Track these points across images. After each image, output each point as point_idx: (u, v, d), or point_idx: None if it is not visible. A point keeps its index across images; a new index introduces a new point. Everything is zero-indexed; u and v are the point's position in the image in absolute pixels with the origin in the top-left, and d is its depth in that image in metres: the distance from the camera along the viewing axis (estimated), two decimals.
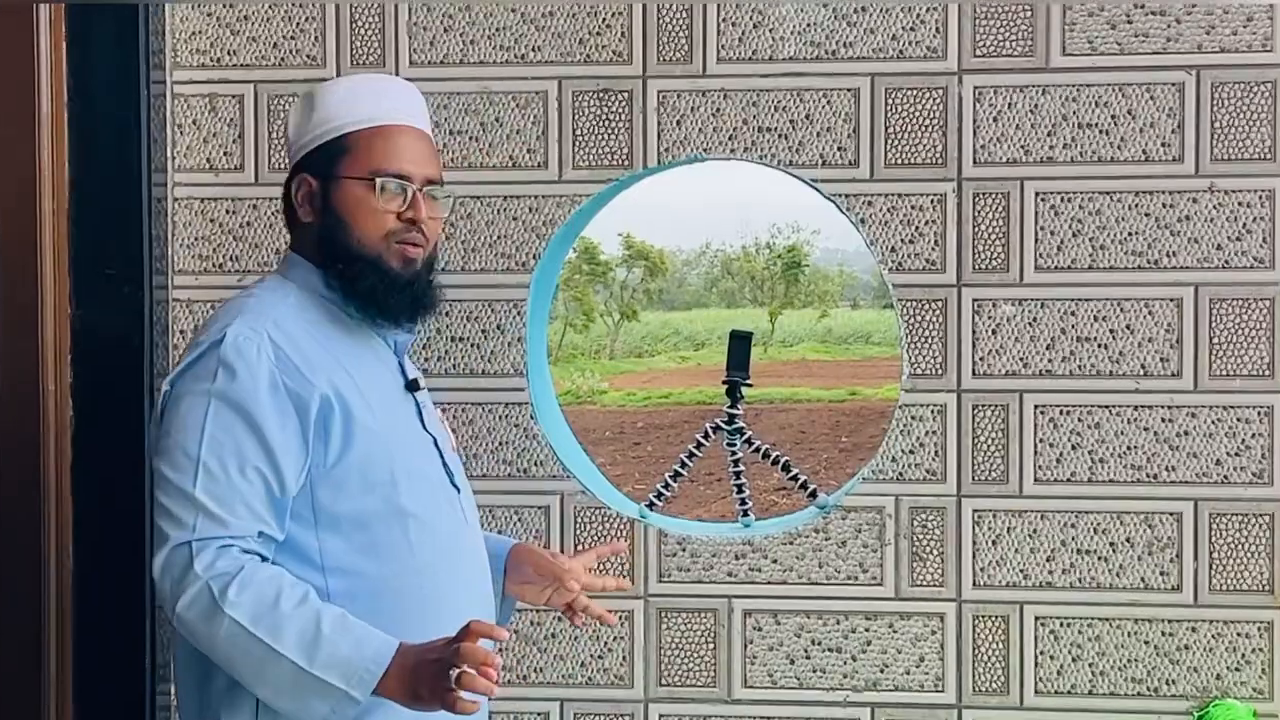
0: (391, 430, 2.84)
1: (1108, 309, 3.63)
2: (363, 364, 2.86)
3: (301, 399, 2.71)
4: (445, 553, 2.86)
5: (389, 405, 2.87)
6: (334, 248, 2.86)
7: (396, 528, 2.80)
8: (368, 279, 2.84)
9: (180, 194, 3.78)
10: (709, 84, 3.69)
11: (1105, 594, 3.64)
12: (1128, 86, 3.61)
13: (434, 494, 2.89)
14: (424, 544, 2.82)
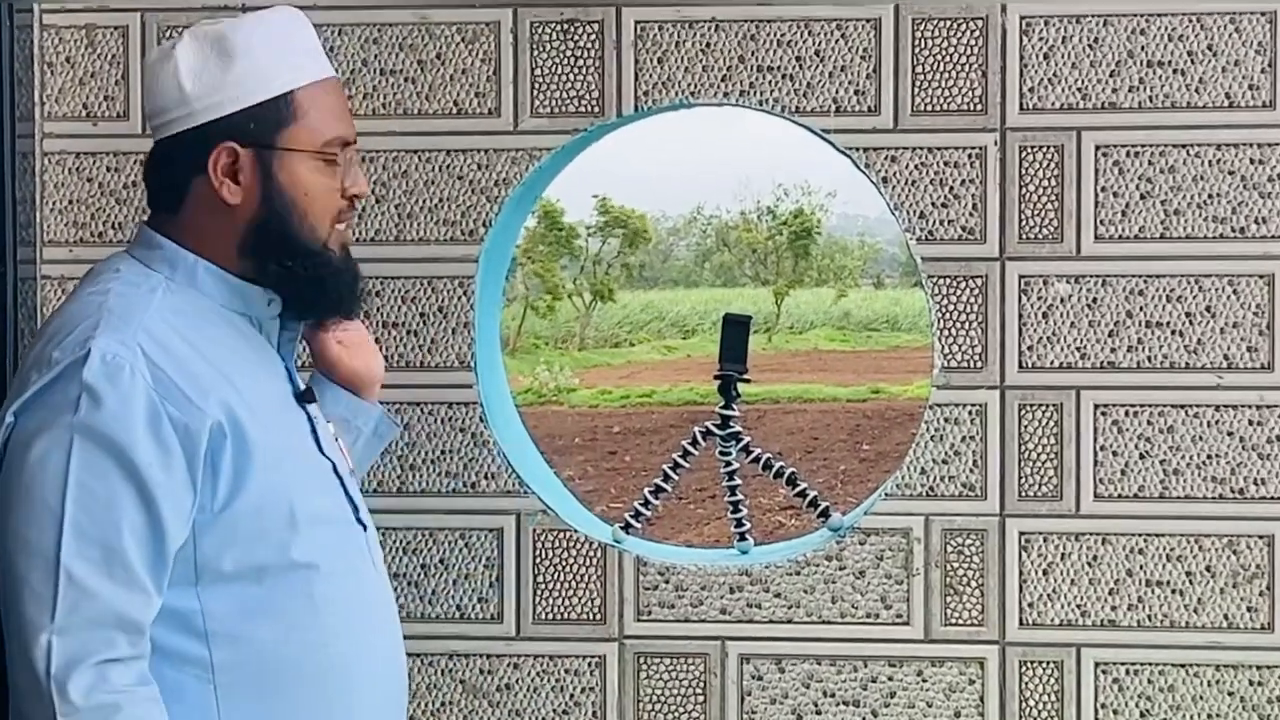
0: (287, 459, 2.77)
1: (1183, 287, 3.64)
2: (251, 376, 2.78)
3: (189, 430, 2.63)
4: (354, 611, 2.80)
5: (283, 427, 2.81)
6: (277, 239, 2.78)
7: (296, 583, 2.73)
8: (319, 275, 2.81)
9: (51, 147, 3.77)
10: (697, 12, 3.69)
11: (1180, 635, 3.65)
12: (1207, 16, 3.61)
13: (339, 537, 2.83)
14: (329, 602, 2.76)
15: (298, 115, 2.79)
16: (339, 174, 2.81)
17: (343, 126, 2.84)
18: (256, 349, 2.84)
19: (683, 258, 64.08)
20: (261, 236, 2.79)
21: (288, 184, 2.78)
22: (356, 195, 2.86)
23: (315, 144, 2.78)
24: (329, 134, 2.80)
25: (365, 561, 2.87)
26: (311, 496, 2.78)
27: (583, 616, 3.74)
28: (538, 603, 3.73)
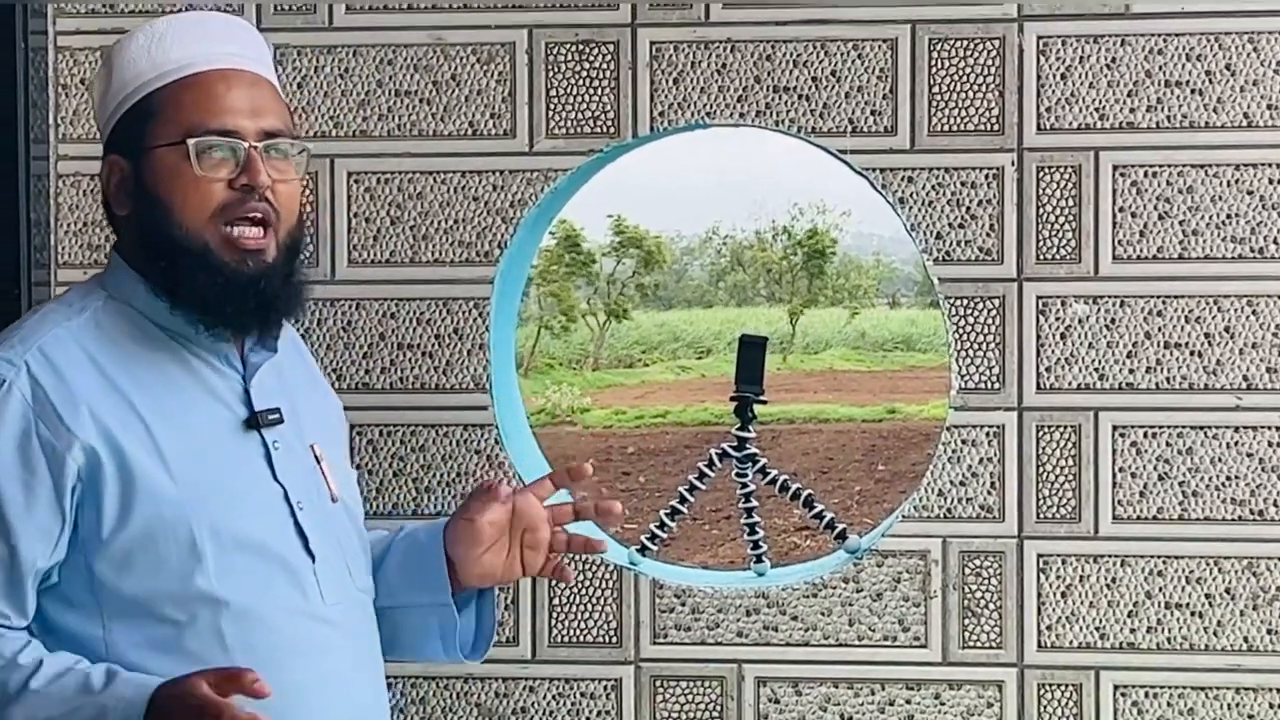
0: (201, 487, 2.67)
1: (1202, 308, 3.63)
2: (175, 399, 2.72)
3: (56, 453, 2.60)
4: (278, 655, 2.66)
5: (209, 452, 2.71)
6: (152, 240, 2.73)
7: (202, 619, 2.63)
8: (195, 278, 2.69)
9: (65, 169, 3.77)
10: (712, 33, 3.69)
11: (1200, 657, 3.64)
12: (1226, 36, 3.61)
13: (267, 570, 2.70)
14: (243, 641, 2.65)
15: (159, 113, 2.73)
16: (219, 166, 2.70)
17: (223, 116, 2.71)
18: (191, 371, 2.76)
19: (697, 277, 64.05)
20: (144, 243, 2.75)
21: (152, 183, 2.72)
22: (247, 185, 2.70)
23: (175, 136, 2.70)
24: (191, 124, 2.70)
25: (306, 597, 2.74)
26: (233, 524, 2.68)
27: (599, 639, 3.74)
28: (553, 625, 3.73)
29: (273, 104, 2.78)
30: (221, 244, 2.70)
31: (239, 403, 2.77)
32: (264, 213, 2.72)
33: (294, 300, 2.81)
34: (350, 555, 2.85)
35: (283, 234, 2.75)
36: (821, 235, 52.43)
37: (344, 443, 3.11)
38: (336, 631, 2.77)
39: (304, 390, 2.93)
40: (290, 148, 2.78)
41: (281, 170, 2.75)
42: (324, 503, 2.82)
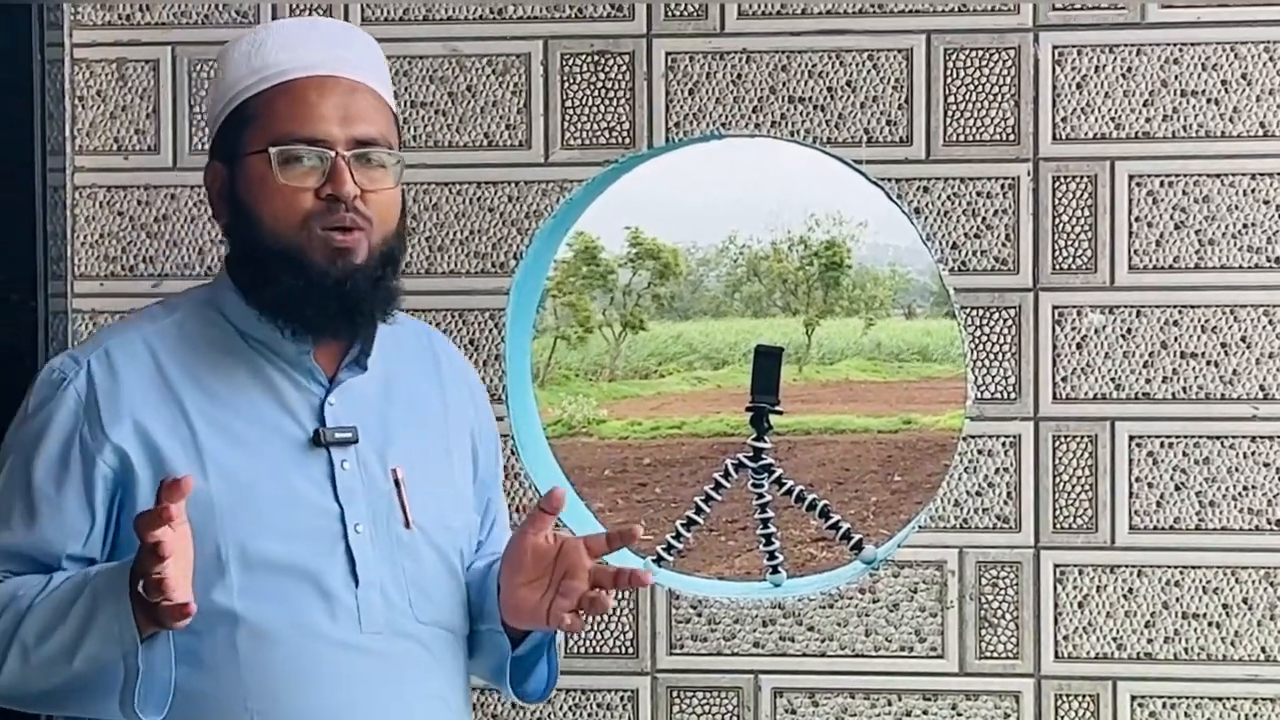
0: (237, 499, 2.63)
1: (1218, 318, 3.63)
2: (236, 409, 2.68)
3: (89, 454, 2.61)
4: (295, 675, 2.61)
5: (259, 465, 2.67)
6: (245, 247, 2.71)
7: (220, 632, 2.59)
8: (283, 281, 2.66)
9: (82, 181, 3.78)
10: (728, 44, 3.69)
11: (1218, 667, 3.64)
12: (1242, 46, 3.61)
13: (295, 591, 2.63)
14: (257, 659, 2.60)
15: (252, 120, 2.70)
16: (306, 175, 2.66)
17: (312, 124, 2.67)
18: (266, 383, 2.72)
19: (713, 288, 64.05)
20: (237, 248, 2.73)
21: (244, 190, 2.70)
22: (332, 196, 2.65)
23: (263, 144, 2.67)
24: (278, 132, 2.67)
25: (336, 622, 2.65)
26: (273, 542, 2.63)
27: (615, 650, 3.73)
28: (570, 636, 3.71)
29: (371, 112, 2.72)
30: (316, 246, 2.66)
31: (312, 418, 2.72)
32: (351, 223, 2.66)
33: (380, 306, 2.73)
34: (417, 585, 2.73)
35: (376, 240, 2.69)
36: (838, 246, 52.43)
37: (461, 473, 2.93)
38: (369, 660, 2.67)
39: (406, 411, 2.83)
40: (387, 157, 2.72)
41: (375, 179, 2.69)
42: (393, 528, 2.72)
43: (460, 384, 2.98)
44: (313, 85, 2.69)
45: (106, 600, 2.45)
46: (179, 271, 3.76)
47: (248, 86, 2.71)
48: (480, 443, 2.97)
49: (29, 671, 2.56)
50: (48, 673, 2.54)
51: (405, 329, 2.92)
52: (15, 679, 2.57)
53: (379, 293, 2.71)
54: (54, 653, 2.52)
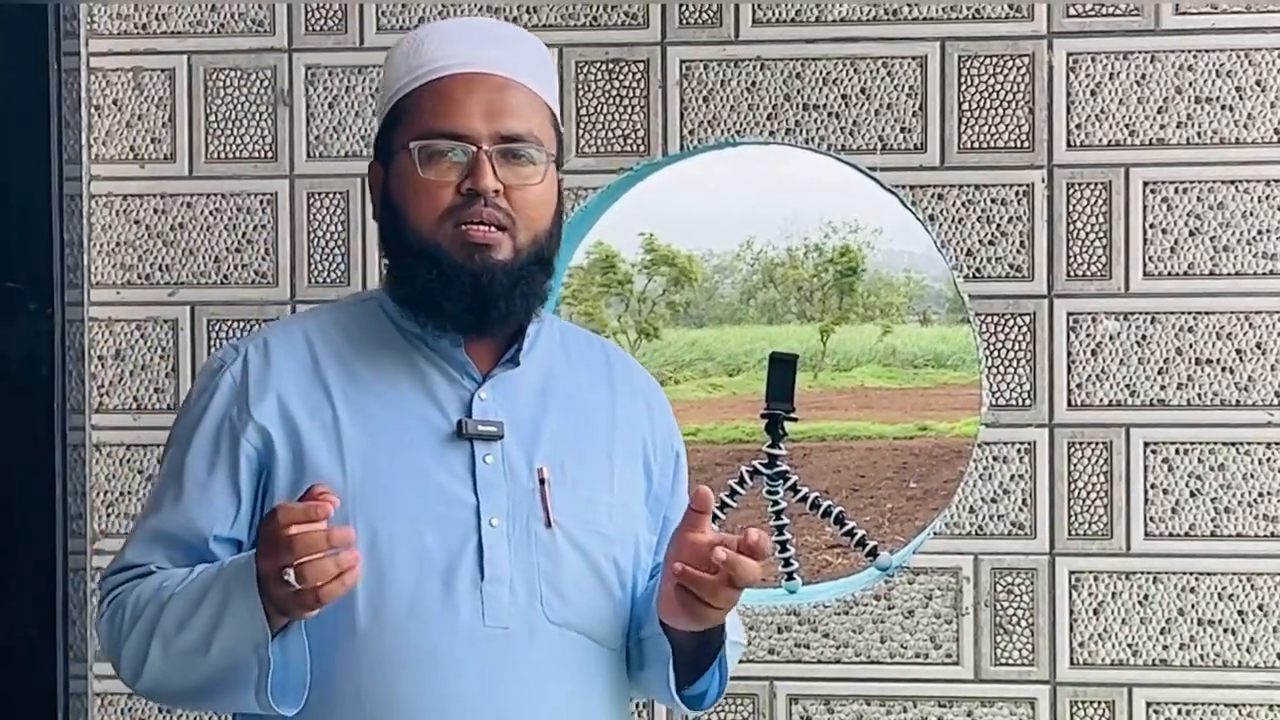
0: (371, 485, 2.62)
1: (1233, 324, 3.62)
2: (383, 398, 2.69)
3: (235, 435, 2.64)
4: (406, 658, 2.59)
5: (398, 453, 2.65)
6: (391, 243, 2.72)
7: (340, 623, 2.58)
8: (422, 276, 2.65)
9: (98, 190, 3.79)
10: (742, 51, 3.69)
11: (1233, 674, 3.63)
12: (1256, 52, 3.61)
13: (419, 577, 2.60)
14: (380, 646, 2.59)
15: (402, 117, 2.70)
16: (448, 170, 2.65)
17: (453, 119, 2.66)
18: (418, 375, 2.71)
19: (728, 295, 64.12)
20: (386, 243, 2.73)
21: (393, 186, 2.71)
22: (473, 190, 2.63)
23: (407, 138, 2.67)
24: (423, 128, 2.66)
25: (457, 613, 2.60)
26: (403, 530, 2.61)
27: None
28: None
29: (521, 108, 2.70)
30: (452, 240, 2.64)
31: (459, 410, 2.69)
32: (491, 218, 2.64)
33: (520, 304, 2.69)
34: (551, 585, 2.67)
35: (522, 237, 2.67)
36: (852, 253, 52.52)
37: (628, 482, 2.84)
38: (489, 655, 2.61)
39: (570, 414, 2.79)
40: (536, 153, 2.68)
41: (522, 175, 2.67)
42: (532, 526, 2.66)
43: (635, 397, 2.92)
44: (460, 81, 2.68)
45: (238, 591, 2.45)
46: (195, 279, 3.77)
47: (402, 86, 2.72)
48: (655, 459, 2.91)
49: (170, 664, 2.57)
50: (186, 665, 2.55)
51: (578, 338, 2.91)
52: (158, 673, 2.58)
53: (520, 290, 2.68)
54: (191, 643, 2.51)
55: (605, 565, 2.72)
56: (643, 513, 2.83)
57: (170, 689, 2.64)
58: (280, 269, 3.77)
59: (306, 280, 3.76)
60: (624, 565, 2.75)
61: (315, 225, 3.76)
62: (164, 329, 3.78)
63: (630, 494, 2.82)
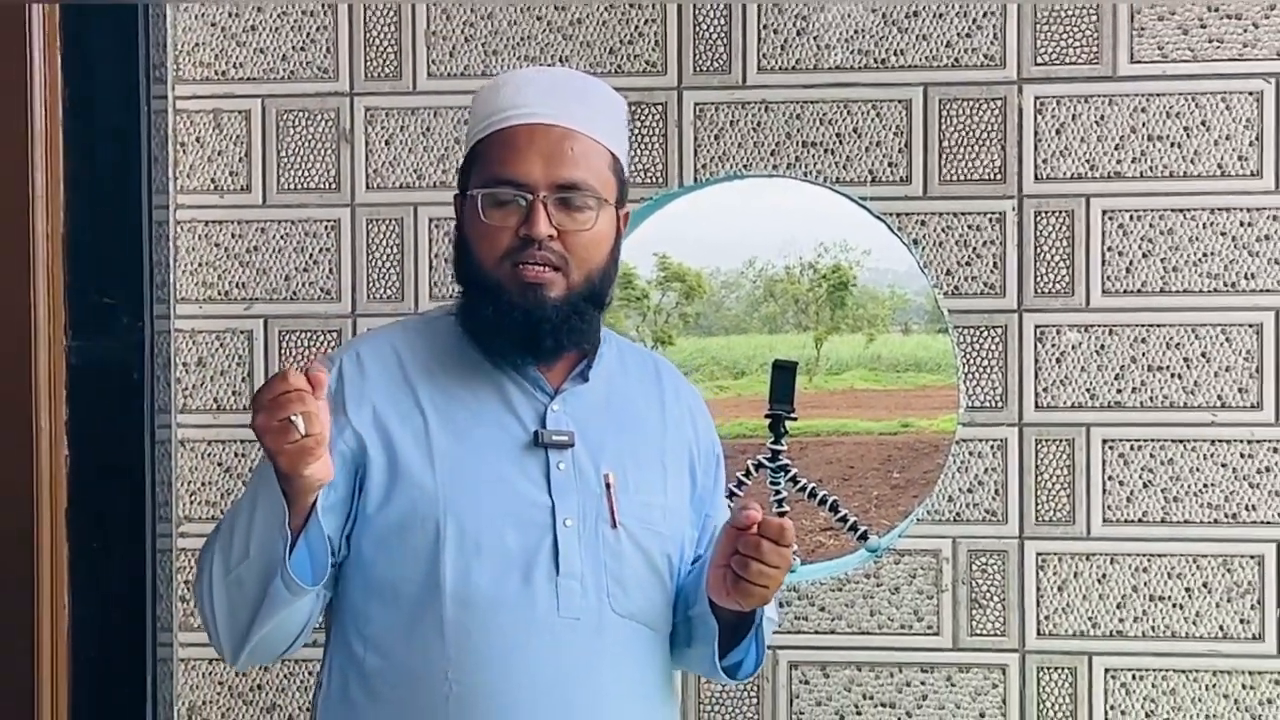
0: (460, 488, 2.60)
1: (1181, 336, 3.61)
2: (467, 408, 2.66)
3: (332, 438, 2.51)
4: (493, 648, 2.56)
5: (483, 459, 2.64)
6: (459, 274, 2.71)
7: (430, 609, 2.57)
8: (482, 309, 2.65)
9: (183, 216, 3.78)
10: (749, 95, 3.68)
11: (1181, 644, 3.62)
12: (1201, 96, 3.59)
13: (503, 574, 2.58)
14: (460, 632, 2.56)
15: (475, 162, 2.69)
16: (508, 214, 2.62)
17: (513, 168, 2.62)
18: (497, 388, 2.69)
19: (734, 308, 64.12)
20: (457, 272, 2.73)
21: (465, 224, 2.69)
22: (528, 236, 2.60)
23: (478, 184, 2.65)
24: (488, 174, 2.64)
25: (536, 605, 2.58)
26: (487, 528, 2.59)
27: None
28: None
29: (580, 158, 2.66)
30: (509, 278, 2.62)
31: (534, 421, 2.67)
32: (544, 260, 2.62)
33: (571, 336, 2.66)
34: (617, 580, 2.65)
35: (575, 275, 2.64)
36: (843, 271, 52.51)
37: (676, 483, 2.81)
38: (563, 644, 2.59)
39: (627, 423, 2.78)
40: (591, 200, 2.64)
41: (578, 221, 2.63)
42: (600, 527, 2.65)
43: (683, 408, 2.91)
44: (523, 131, 2.65)
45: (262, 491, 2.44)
46: (268, 296, 3.77)
47: (478, 131, 2.70)
48: (700, 463, 2.90)
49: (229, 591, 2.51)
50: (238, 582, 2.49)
51: (634, 354, 2.90)
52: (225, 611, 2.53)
53: (571, 324, 2.65)
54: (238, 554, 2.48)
55: (660, 561, 2.71)
56: (688, 512, 2.82)
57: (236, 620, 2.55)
58: (342, 287, 3.76)
59: (365, 296, 3.75)
60: (674, 560, 2.74)
61: (373, 248, 3.76)
62: (240, 339, 3.78)
63: (679, 497, 2.80)
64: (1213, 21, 3.59)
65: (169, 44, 3.75)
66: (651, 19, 3.69)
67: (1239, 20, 3.58)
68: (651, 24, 3.70)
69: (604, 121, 2.75)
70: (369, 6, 3.75)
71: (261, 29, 3.77)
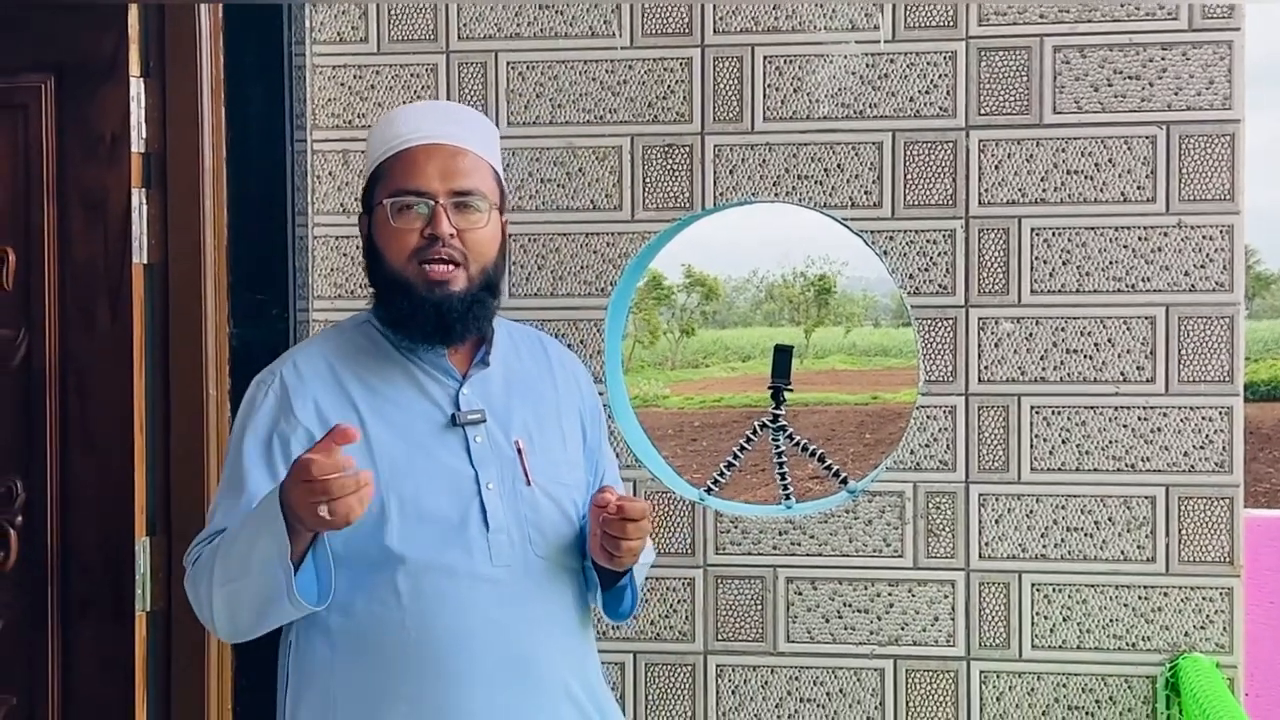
0: (397, 468, 2.48)
1: (1092, 326, 3.60)
2: (392, 399, 2.54)
3: (284, 438, 2.49)
4: (442, 601, 2.45)
5: (411, 441, 2.52)
6: (374, 277, 2.61)
7: (384, 572, 2.45)
8: (396, 304, 2.54)
9: (319, 233, 3.80)
10: (756, 139, 3.68)
11: (1091, 564, 3.61)
12: (1109, 139, 3.58)
13: (442, 536, 2.47)
14: (413, 591, 2.45)
15: (380, 179, 2.60)
16: (415, 218, 2.53)
17: (417, 180, 2.53)
18: (412, 379, 2.58)
19: (742, 307, 63.95)
20: (370, 277, 2.63)
21: (375, 232, 2.59)
22: (434, 235, 2.51)
23: (384, 196, 2.56)
24: (394, 186, 2.55)
25: (473, 559, 2.49)
26: (424, 498, 2.49)
27: (679, 550, 3.73)
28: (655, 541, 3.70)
29: (470, 170, 2.58)
30: (417, 276, 2.53)
31: (449, 405, 2.58)
32: (448, 257, 2.53)
33: (475, 321, 2.58)
34: (535, 528, 2.56)
35: (474, 269, 2.56)
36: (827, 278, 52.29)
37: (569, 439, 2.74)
38: (499, 589, 2.50)
39: (527, 396, 2.69)
40: (481, 203, 2.57)
41: (471, 221, 2.56)
42: (516, 486, 2.57)
43: (568, 375, 2.84)
44: (421, 150, 2.57)
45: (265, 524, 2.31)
46: None
47: (379, 154, 2.62)
48: (587, 419, 2.83)
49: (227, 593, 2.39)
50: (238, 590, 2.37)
51: (523, 334, 2.81)
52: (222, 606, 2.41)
53: (473, 312, 2.56)
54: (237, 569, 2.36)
55: (569, 508, 2.62)
56: (583, 462, 2.73)
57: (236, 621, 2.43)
58: None
59: None
60: (579, 504, 2.66)
61: None
62: None
63: (576, 451, 2.72)
64: (1118, 81, 3.58)
65: (308, 99, 3.76)
66: (681, 79, 3.69)
67: (1137, 80, 3.57)
68: (681, 84, 3.70)
69: (485, 142, 2.67)
70: (461, 67, 3.75)
71: (379, 87, 3.78)
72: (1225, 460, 3.58)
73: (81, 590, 3.52)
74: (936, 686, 3.65)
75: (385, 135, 2.64)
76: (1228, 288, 3.56)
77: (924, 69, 3.63)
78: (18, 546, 3.52)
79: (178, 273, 3.57)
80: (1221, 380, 3.58)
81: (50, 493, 3.51)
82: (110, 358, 3.51)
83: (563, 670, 2.60)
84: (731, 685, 3.71)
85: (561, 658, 2.60)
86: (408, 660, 2.43)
